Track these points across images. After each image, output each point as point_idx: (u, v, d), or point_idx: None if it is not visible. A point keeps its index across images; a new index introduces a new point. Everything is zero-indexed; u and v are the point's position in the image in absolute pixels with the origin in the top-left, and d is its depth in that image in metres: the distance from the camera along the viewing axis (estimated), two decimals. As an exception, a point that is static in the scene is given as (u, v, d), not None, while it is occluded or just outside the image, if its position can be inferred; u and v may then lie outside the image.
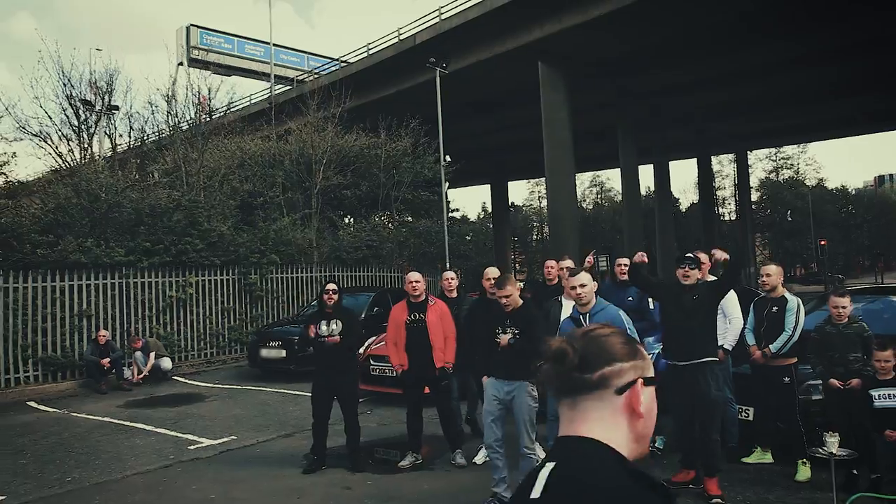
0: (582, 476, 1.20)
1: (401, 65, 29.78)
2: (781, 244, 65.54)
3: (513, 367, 5.04)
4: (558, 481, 1.21)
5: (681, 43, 26.31)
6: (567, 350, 1.26)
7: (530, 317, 5.17)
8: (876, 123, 43.82)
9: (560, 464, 1.23)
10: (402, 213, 20.70)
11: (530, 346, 4.98)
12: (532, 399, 5.09)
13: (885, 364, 4.74)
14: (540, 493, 1.21)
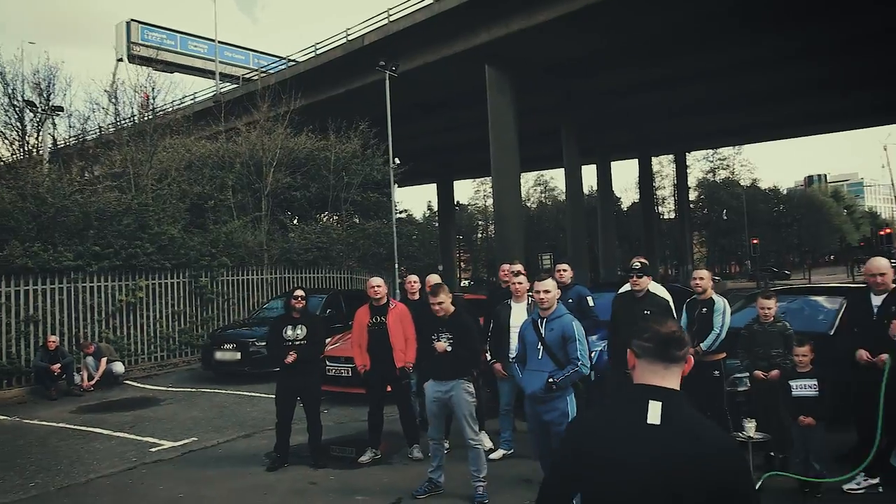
0: (688, 410, 1.91)
1: (349, 65, 29.93)
2: (717, 242, 67.90)
3: (448, 368, 5.48)
4: (674, 413, 1.89)
5: (623, 48, 27.21)
6: (685, 338, 2.00)
7: (463, 324, 5.60)
8: (807, 126, 46.02)
9: (667, 403, 1.90)
10: (351, 215, 20.89)
11: (465, 351, 5.47)
12: (469, 395, 5.50)
13: (802, 358, 5.30)
14: (660, 421, 1.88)
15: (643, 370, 1.99)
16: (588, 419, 2.15)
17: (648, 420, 1.87)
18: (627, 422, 1.92)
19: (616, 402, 2.10)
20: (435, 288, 5.76)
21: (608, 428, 1.96)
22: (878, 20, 24.82)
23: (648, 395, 1.93)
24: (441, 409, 5.58)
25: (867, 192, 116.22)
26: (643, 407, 1.90)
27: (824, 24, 25.42)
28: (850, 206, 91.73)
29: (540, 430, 4.82)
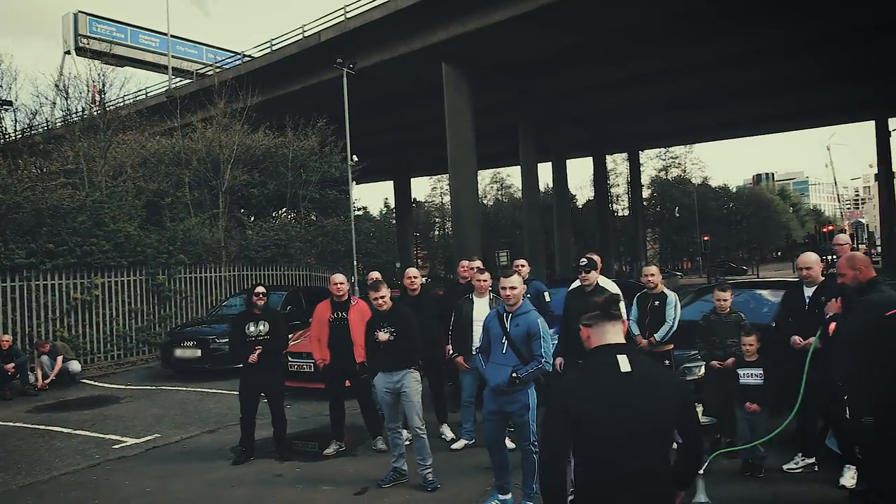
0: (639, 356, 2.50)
1: (306, 62, 29.84)
2: (669, 239, 69.46)
3: (395, 359, 5.69)
4: (635, 360, 2.46)
5: (579, 48, 27.73)
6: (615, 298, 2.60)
7: (403, 316, 5.83)
8: (756, 126, 47.46)
9: (629, 354, 2.47)
10: (309, 212, 20.88)
11: (407, 342, 5.69)
12: (417, 383, 5.74)
13: (749, 347, 5.64)
14: (630, 368, 2.42)
15: (598, 334, 2.54)
16: (571, 384, 2.53)
17: (622, 370, 2.42)
18: (605, 376, 2.43)
19: (589, 365, 2.52)
20: (376, 283, 5.97)
21: (591, 386, 2.44)
22: (829, 25, 25.81)
23: (614, 351, 2.47)
24: (395, 399, 5.77)
25: (811, 191, 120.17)
26: (614, 361, 2.43)
27: (774, 28, 26.30)
28: (795, 204, 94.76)
29: (497, 419, 4.98)
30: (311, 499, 5.53)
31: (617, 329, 2.52)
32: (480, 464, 6.20)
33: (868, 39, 27.27)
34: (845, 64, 30.80)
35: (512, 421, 5.02)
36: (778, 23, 25.81)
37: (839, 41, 27.43)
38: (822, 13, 24.70)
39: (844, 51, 28.63)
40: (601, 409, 2.38)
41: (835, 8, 24.21)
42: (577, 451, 2.42)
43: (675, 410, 2.45)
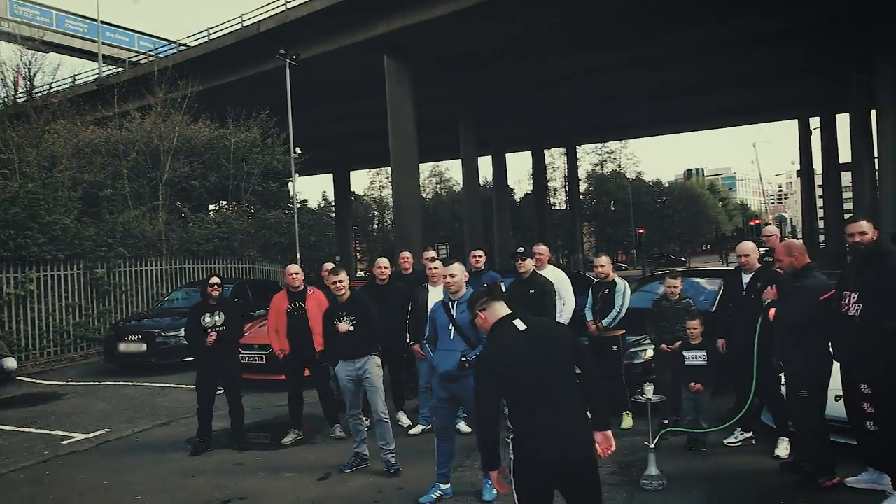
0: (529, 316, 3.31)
1: (245, 52, 29.32)
2: (605, 232, 71.10)
3: (356, 347, 5.78)
4: (526, 320, 3.22)
5: (520, 43, 28.10)
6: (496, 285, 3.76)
7: (362, 304, 5.92)
8: (688, 123, 49.08)
9: (521, 318, 3.23)
10: (251, 205, 20.61)
11: (367, 329, 5.79)
12: (378, 369, 5.86)
13: (693, 331, 5.98)
14: (525, 327, 3.17)
15: (493, 312, 3.31)
16: (489, 351, 3.29)
17: (520, 329, 3.19)
18: (510, 338, 3.18)
19: (498, 336, 3.25)
20: (335, 268, 6.06)
21: (503, 350, 3.16)
22: (756, 26, 26.89)
23: (509, 318, 3.26)
24: (357, 386, 5.85)
25: (739, 186, 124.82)
26: (513, 326, 3.20)
27: (706, 29, 27.27)
28: (724, 199, 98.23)
29: (448, 406, 5.11)
30: (274, 486, 5.60)
31: (504, 305, 3.34)
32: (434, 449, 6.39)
33: (792, 41, 28.58)
34: (772, 64, 32.18)
35: (464, 406, 5.21)
36: (709, 23, 26.78)
37: (766, 42, 28.65)
38: (750, 14, 25.76)
39: (771, 51, 29.92)
40: (514, 362, 3.10)
41: (761, 10, 25.28)
42: (506, 399, 3.14)
43: (568, 350, 3.20)
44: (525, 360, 3.08)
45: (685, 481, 5.01)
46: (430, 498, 4.97)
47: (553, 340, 3.20)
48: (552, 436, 2.99)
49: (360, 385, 5.85)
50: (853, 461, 4.83)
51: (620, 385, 6.74)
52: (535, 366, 3.07)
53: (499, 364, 3.12)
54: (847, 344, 4.54)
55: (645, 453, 5.59)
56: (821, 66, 32.14)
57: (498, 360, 3.14)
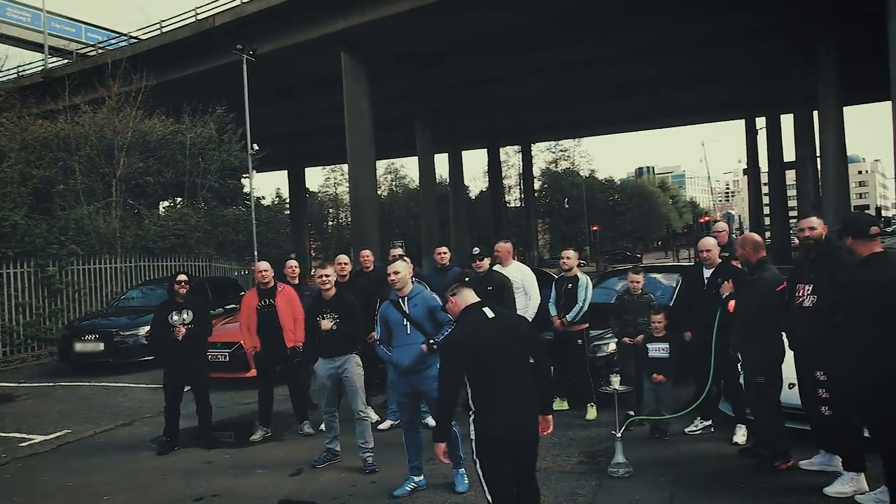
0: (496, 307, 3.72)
1: (199, 46, 28.82)
2: (559, 229, 71.95)
3: (338, 345, 5.79)
4: (493, 309, 3.63)
5: (477, 42, 28.29)
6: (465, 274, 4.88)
7: (348, 303, 5.92)
8: (639, 122, 50.03)
9: (489, 306, 3.63)
10: (208, 202, 20.29)
11: (351, 329, 5.80)
12: (359, 368, 5.89)
13: (657, 325, 6.19)
14: (493, 315, 3.57)
15: (463, 298, 3.69)
16: (458, 333, 3.66)
17: (488, 317, 3.57)
18: (479, 324, 3.55)
19: (467, 320, 3.62)
20: (324, 263, 6.11)
21: (473, 332, 3.54)
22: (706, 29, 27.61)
23: (479, 306, 3.64)
24: (335, 384, 5.88)
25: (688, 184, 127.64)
26: (482, 312, 3.59)
27: (657, 29, 27.85)
28: (674, 197, 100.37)
29: (410, 400, 5.21)
30: (246, 483, 5.60)
31: (472, 293, 3.73)
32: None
33: (740, 44, 29.43)
34: (720, 66, 33.05)
35: (426, 400, 5.29)
36: (660, 26, 27.37)
37: (715, 45, 29.43)
38: (699, 18, 26.45)
39: (720, 54, 30.73)
40: (481, 345, 3.48)
41: (710, 14, 25.99)
42: (470, 379, 3.49)
43: (525, 341, 3.61)
44: (491, 344, 3.48)
45: (650, 468, 5.21)
46: (404, 490, 5.06)
47: (514, 331, 3.61)
48: (509, 416, 3.44)
49: (339, 383, 5.86)
50: (806, 445, 5.10)
51: (585, 377, 6.93)
52: (499, 351, 3.48)
53: (468, 345, 3.51)
54: (802, 333, 4.78)
55: (610, 443, 5.79)
56: (767, 69, 33.14)
57: (467, 341, 3.52)
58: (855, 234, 4.14)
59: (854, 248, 4.14)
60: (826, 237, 4.83)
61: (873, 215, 6.52)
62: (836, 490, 4.51)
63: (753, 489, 4.72)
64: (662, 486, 4.87)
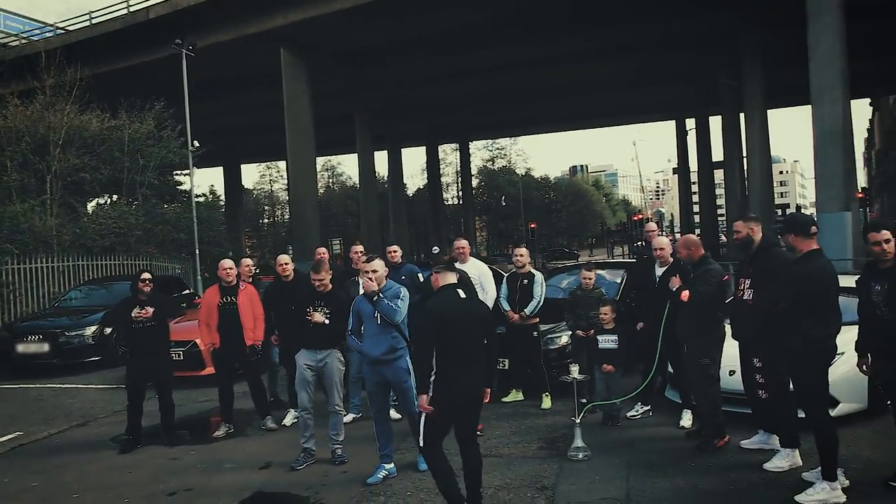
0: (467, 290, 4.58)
1: (133, 39, 28.08)
2: (496, 226, 72.92)
3: (324, 339, 5.87)
4: (465, 291, 4.53)
5: (417, 41, 28.53)
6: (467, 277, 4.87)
7: (341, 300, 6.05)
8: (574, 121, 51.22)
9: (462, 288, 4.49)
10: (147, 199, 19.84)
11: (340, 325, 5.84)
12: (341, 364, 5.99)
13: (605, 317, 6.55)
14: (464, 296, 4.48)
15: (444, 278, 4.49)
16: (436, 304, 4.44)
17: (460, 297, 4.42)
18: (452, 300, 4.40)
19: (443, 296, 4.44)
20: (317, 265, 6.18)
21: (446, 309, 4.36)
22: (644, 33, 28.59)
23: (454, 287, 4.45)
24: (313, 377, 5.88)
25: (620, 182, 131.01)
26: (456, 293, 4.42)
27: (596, 34, 28.68)
28: (608, 195, 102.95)
29: (380, 390, 5.46)
30: (217, 477, 5.69)
31: (454, 276, 4.55)
32: (370, 433, 6.59)
33: (672, 49, 30.57)
34: (653, 69, 34.25)
35: (394, 390, 5.54)
36: (596, 30, 28.21)
37: (648, 49, 30.49)
38: (634, 23, 27.38)
39: (653, 57, 31.86)
40: (451, 318, 4.31)
41: (644, 20, 26.95)
42: (437, 345, 4.27)
43: (483, 323, 4.51)
44: (458, 319, 4.33)
45: (606, 452, 5.57)
46: (376, 478, 5.27)
47: (477, 314, 4.51)
48: (462, 380, 4.28)
49: (317, 376, 5.87)
50: (746, 427, 5.56)
51: (539, 369, 7.27)
52: (463, 326, 4.32)
53: (441, 314, 4.34)
54: (743, 324, 5.23)
55: (567, 430, 6.17)
56: (697, 73, 34.51)
57: (441, 311, 4.37)
58: (798, 231, 4.58)
59: (795, 244, 4.57)
60: (764, 236, 5.28)
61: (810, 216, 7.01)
62: (774, 465, 4.96)
63: (702, 467, 5.14)
64: (619, 467, 5.23)
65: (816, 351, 4.40)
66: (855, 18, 19.95)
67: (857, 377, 5.48)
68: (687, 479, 4.90)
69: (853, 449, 5.18)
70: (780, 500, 4.47)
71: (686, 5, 25.44)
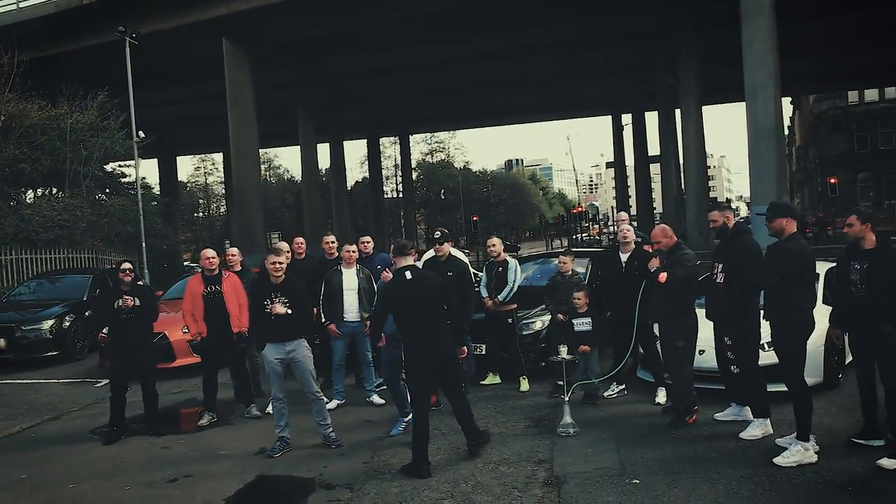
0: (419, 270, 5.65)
1: (64, 25, 26.95)
2: (436, 219, 73.20)
3: (288, 329, 5.90)
4: (414, 272, 5.40)
5: (360, 34, 28.47)
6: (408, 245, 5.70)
7: (297, 288, 6.14)
8: (511, 116, 51.90)
9: (412, 270, 5.40)
10: (92, 191, 19.22)
11: (301, 312, 6.00)
12: (309, 352, 6.06)
13: (578, 301, 6.89)
14: (411, 276, 5.34)
15: (400, 262, 5.42)
16: (390, 286, 5.54)
17: (407, 278, 5.29)
18: (401, 282, 5.31)
19: (395, 278, 5.43)
20: (277, 249, 6.31)
21: (398, 286, 5.33)
22: (582, 30, 29.28)
23: (405, 270, 5.33)
24: (284, 368, 5.96)
25: (556, 176, 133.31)
26: (404, 275, 5.29)
27: (535, 30, 29.18)
28: (544, 188, 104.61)
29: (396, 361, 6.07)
30: (215, 463, 5.75)
31: (409, 259, 5.46)
32: (360, 418, 6.86)
33: (609, 46, 31.44)
34: (591, 65, 35.10)
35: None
36: (535, 26, 28.72)
37: (586, 45, 31.25)
38: (573, 20, 28.04)
39: (591, 54, 32.66)
40: (398, 296, 5.31)
41: (582, 17, 27.63)
42: (395, 319, 5.39)
43: (437, 294, 5.34)
44: (405, 296, 5.26)
45: (593, 427, 5.90)
46: (398, 430, 6.17)
47: (427, 288, 5.31)
48: (420, 345, 5.18)
49: (287, 368, 5.95)
50: (716, 402, 5.99)
51: (515, 353, 7.56)
52: (411, 301, 5.24)
53: (394, 295, 5.40)
54: (716, 305, 5.64)
55: (548, 409, 6.53)
56: (634, 69, 35.54)
57: (394, 293, 5.42)
58: (789, 215, 5.01)
59: (785, 227, 4.97)
60: (736, 224, 5.71)
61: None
62: (749, 434, 5.39)
63: (684, 438, 5.53)
64: (607, 440, 5.57)
65: (800, 322, 4.84)
66: (785, 20, 20.97)
67: (815, 354, 6.02)
68: (672, 449, 5.27)
69: (815, 418, 5.65)
70: (759, 463, 4.88)
71: (622, 2, 26.20)
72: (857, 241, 4.90)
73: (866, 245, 4.86)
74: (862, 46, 32.58)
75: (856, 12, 27.83)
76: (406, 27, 27.72)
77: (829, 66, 37.11)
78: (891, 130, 49.10)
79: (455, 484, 4.87)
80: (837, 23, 28.96)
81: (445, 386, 5.46)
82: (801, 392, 4.90)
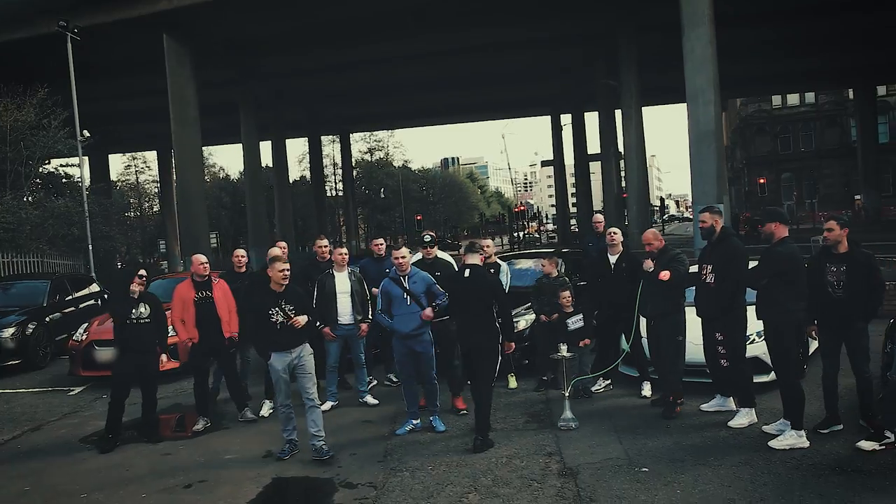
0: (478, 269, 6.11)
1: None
2: (375, 218, 73.05)
3: (295, 336, 5.93)
4: (472, 272, 6.00)
5: (301, 32, 28.25)
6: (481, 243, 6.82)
7: (300, 295, 6.19)
8: (448, 115, 52.25)
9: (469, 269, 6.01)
10: (37, 192, 18.50)
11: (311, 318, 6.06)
12: (311, 356, 6.11)
13: (564, 300, 7.21)
14: (468, 274, 6.01)
15: (468, 259, 6.06)
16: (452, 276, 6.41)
17: (465, 275, 5.98)
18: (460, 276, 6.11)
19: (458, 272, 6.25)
20: (281, 256, 6.30)
21: (455, 279, 6.19)
22: (523, 32, 29.78)
23: (465, 266, 6.02)
24: (290, 375, 5.94)
25: (492, 175, 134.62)
26: (463, 271, 6.03)
27: (475, 31, 29.55)
28: (482, 187, 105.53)
29: (408, 360, 6.35)
30: (225, 468, 5.77)
31: (476, 257, 6.11)
32: (357, 419, 6.99)
33: (551, 47, 32.14)
34: (531, 66, 35.76)
35: (420, 359, 6.32)
36: (476, 27, 29.12)
37: (528, 46, 31.85)
38: (514, 22, 28.54)
39: (531, 55, 33.30)
40: (455, 288, 6.03)
41: (524, 19, 28.16)
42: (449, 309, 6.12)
43: (487, 290, 5.93)
44: (461, 288, 5.95)
45: (590, 421, 6.22)
46: (403, 430, 6.30)
47: (479, 284, 5.92)
48: (464, 331, 5.97)
49: (292, 373, 5.94)
50: (699, 394, 6.41)
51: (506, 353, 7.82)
52: (466, 293, 5.91)
53: (452, 284, 6.12)
54: (706, 303, 6.03)
55: (542, 405, 6.85)
56: (574, 70, 36.40)
57: (453, 282, 6.12)
58: (781, 220, 5.39)
59: (776, 231, 5.37)
60: (724, 227, 6.11)
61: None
62: (737, 422, 5.81)
63: (676, 428, 5.92)
64: (607, 432, 5.91)
65: (789, 320, 5.26)
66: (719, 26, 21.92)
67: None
68: (669, 438, 5.64)
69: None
70: (752, 449, 5.30)
71: (565, 6, 26.87)
72: (834, 245, 5.34)
73: (840, 249, 5.32)
74: (789, 53, 34.39)
75: (783, 22, 29.43)
76: (346, 27, 27.70)
77: (757, 71, 38.99)
78: (811, 133, 51.86)
79: (475, 479, 5.09)
80: (766, 32, 30.52)
81: (477, 371, 5.91)
82: (794, 385, 5.32)
